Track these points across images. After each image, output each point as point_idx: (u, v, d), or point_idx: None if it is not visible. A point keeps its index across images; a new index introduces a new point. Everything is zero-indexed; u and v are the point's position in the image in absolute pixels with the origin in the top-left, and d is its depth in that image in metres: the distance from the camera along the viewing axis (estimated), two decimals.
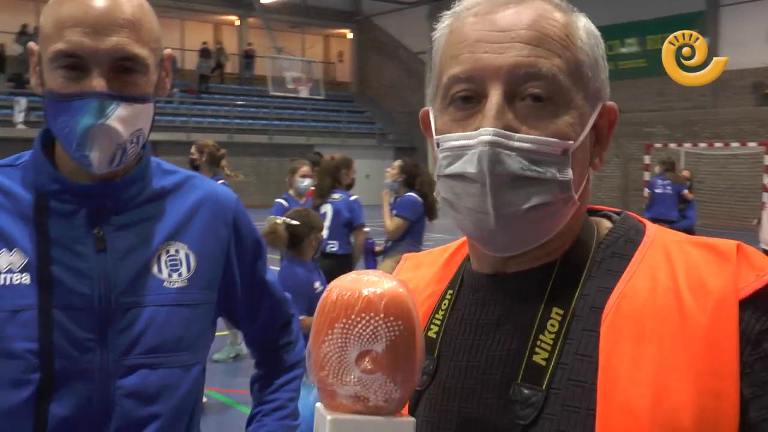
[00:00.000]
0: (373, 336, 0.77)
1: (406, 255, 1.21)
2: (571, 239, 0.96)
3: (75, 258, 1.42)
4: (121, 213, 1.48)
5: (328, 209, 6.77)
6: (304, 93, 29.86)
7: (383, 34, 34.42)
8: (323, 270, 5.09)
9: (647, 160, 19.35)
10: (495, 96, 0.88)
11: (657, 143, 21.30)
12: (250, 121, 29.38)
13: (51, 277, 1.40)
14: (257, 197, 24.38)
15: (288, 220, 4.74)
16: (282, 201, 7.01)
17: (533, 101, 0.88)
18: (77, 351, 1.39)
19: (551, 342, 0.90)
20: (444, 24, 0.97)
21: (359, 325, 0.77)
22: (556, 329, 0.90)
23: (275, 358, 1.81)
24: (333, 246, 6.71)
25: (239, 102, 30.10)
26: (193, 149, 6.81)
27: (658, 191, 11.19)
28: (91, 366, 1.40)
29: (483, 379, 0.93)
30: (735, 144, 20.15)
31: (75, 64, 1.34)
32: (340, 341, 0.78)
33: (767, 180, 17.14)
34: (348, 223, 6.80)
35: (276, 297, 1.77)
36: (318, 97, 30.67)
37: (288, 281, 4.44)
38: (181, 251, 1.52)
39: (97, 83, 1.34)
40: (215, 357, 7.08)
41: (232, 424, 5.66)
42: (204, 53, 30.95)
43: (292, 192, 7.23)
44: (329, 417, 0.78)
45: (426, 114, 1.00)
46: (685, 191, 11.30)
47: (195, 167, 6.54)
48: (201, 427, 1.64)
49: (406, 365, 0.79)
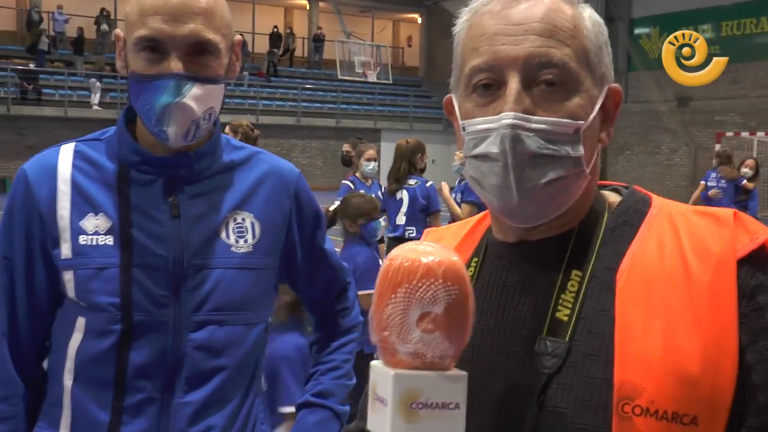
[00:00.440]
0: (433, 299, 0.85)
1: (427, 230, 1.31)
2: (585, 210, 1.07)
3: (152, 223, 1.57)
4: (194, 183, 1.62)
5: (404, 195, 6.78)
6: (372, 77, 29.93)
7: (453, 18, 33.70)
8: None
9: (718, 148, 18.83)
10: (513, 83, 0.98)
11: (729, 132, 20.71)
12: (318, 105, 29.55)
13: (131, 240, 1.56)
14: (323, 180, 24.65)
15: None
16: (348, 182, 7.09)
17: (547, 86, 0.99)
18: (154, 306, 1.55)
19: (572, 300, 1.00)
20: (463, 19, 1.09)
21: (420, 290, 0.85)
22: (576, 289, 1.00)
23: (332, 322, 1.94)
24: (411, 232, 6.70)
25: (308, 85, 30.31)
26: (227, 129, 6.81)
27: (711, 184, 10.85)
28: (166, 320, 1.56)
29: (511, 336, 1.03)
30: None
31: (155, 48, 1.49)
32: (402, 304, 0.86)
33: None
34: (424, 209, 6.78)
35: (333, 265, 1.90)
36: (386, 82, 30.69)
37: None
38: (247, 220, 1.66)
39: (175, 65, 1.48)
40: None
41: None
42: (274, 37, 31.28)
43: (358, 174, 7.26)
44: (392, 372, 0.86)
45: (450, 101, 1.12)
46: (744, 182, 10.84)
47: None
48: None
49: (460, 325, 0.88)
